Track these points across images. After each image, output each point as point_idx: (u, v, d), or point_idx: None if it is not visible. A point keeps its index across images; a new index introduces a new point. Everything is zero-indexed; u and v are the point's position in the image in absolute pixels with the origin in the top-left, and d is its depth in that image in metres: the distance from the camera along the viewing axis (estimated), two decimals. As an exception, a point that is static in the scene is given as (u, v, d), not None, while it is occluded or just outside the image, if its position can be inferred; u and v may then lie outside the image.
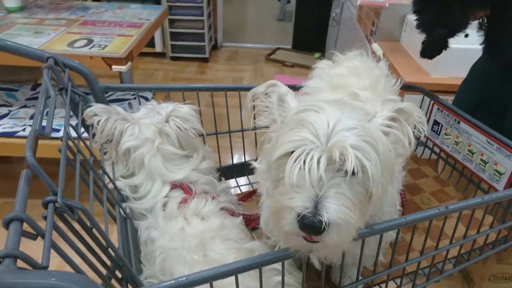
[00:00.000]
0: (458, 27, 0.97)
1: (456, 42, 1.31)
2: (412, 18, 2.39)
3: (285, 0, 5.72)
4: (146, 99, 2.12)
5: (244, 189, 1.25)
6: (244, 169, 1.25)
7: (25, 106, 2.16)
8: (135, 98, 2.24)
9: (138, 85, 1.03)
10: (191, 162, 0.92)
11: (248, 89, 1.12)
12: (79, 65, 0.97)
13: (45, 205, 0.55)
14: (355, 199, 0.59)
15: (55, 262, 0.52)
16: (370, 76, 0.90)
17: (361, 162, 0.57)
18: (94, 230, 0.62)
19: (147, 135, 0.89)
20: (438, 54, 1.15)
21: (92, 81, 0.99)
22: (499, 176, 1.02)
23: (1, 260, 0.44)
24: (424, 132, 0.66)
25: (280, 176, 0.63)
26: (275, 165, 0.63)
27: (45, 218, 0.53)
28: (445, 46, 1.12)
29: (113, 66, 1.79)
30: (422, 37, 1.20)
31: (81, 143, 0.77)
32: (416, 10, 1.00)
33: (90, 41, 1.93)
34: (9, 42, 0.90)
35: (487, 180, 1.05)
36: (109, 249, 0.64)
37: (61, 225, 0.56)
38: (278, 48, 4.54)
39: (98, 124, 0.86)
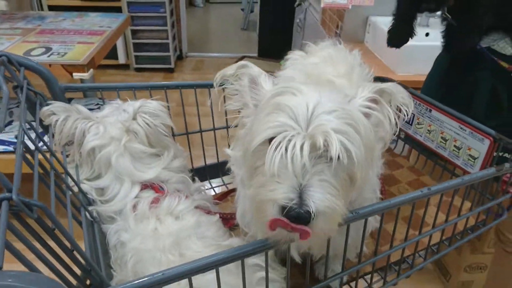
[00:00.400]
0: (443, 2, 0.97)
1: (418, 40, 1.33)
2: (374, 19, 2.44)
3: (249, 9, 5.76)
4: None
5: (218, 190, 1.20)
6: (218, 170, 1.21)
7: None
8: (99, 108, 2.15)
9: (102, 84, 0.97)
10: (161, 161, 0.87)
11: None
12: (35, 64, 0.91)
13: (-1, 203, 0.49)
14: (338, 185, 0.56)
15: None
16: (345, 64, 0.89)
17: (345, 146, 0.54)
18: (57, 232, 0.56)
19: (113, 134, 0.83)
20: (405, 42, 1.16)
21: (51, 81, 0.92)
22: (473, 160, 1.02)
23: None
24: (408, 114, 0.64)
25: (258, 164, 0.59)
26: (252, 153, 0.59)
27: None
28: (411, 33, 1.13)
29: (74, 74, 1.71)
30: (384, 36, 1.21)
31: (41, 143, 0.71)
32: None
33: (48, 49, 1.84)
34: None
35: (461, 166, 1.05)
36: (75, 253, 0.58)
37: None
38: (244, 57, 4.54)
39: (56, 124, 0.80)
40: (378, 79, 1.21)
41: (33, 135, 0.69)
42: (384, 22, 2.12)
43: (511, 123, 1.13)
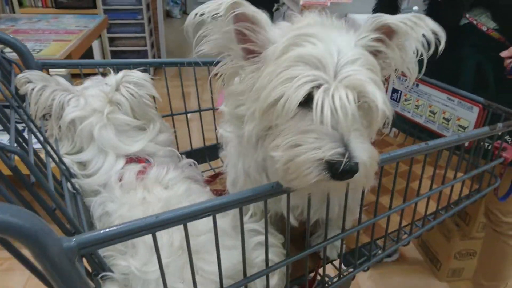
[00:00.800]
0: None
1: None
2: (353, 17, 2.46)
3: (226, 19, 5.77)
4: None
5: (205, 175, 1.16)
6: (204, 155, 1.17)
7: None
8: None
9: (81, 61, 0.92)
10: (147, 134, 0.83)
11: (204, 63, 1.06)
12: (11, 37, 0.86)
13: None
14: (365, 133, 0.55)
15: None
16: (337, 27, 0.87)
17: (379, 94, 0.53)
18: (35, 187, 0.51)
19: (94, 105, 0.79)
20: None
21: (27, 56, 0.88)
22: (463, 130, 1.01)
23: None
24: (441, 45, 0.61)
25: (277, 122, 0.54)
26: (269, 111, 0.53)
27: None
28: (396, 9, 1.13)
29: (51, 70, 1.65)
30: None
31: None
32: None
33: (22, 46, 1.78)
34: None
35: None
36: (56, 212, 0.53)
37: None
38: (224, 63, 4.53)
39: (32, 93, 0.75)
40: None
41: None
42: (362, 19, 2.15)
43: (497, 98, 1.13)
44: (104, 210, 0.70)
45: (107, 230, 0.41)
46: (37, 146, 0.64)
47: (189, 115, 1.14)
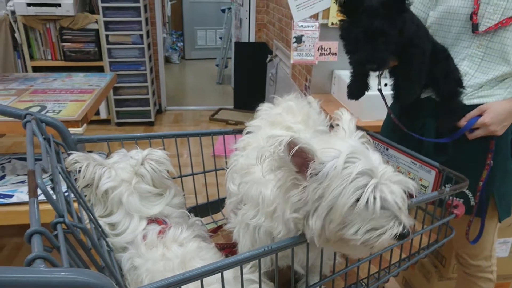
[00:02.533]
0: (383, 63, 1.19)
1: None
2: (339, 73, 2.72)
3: (223, 65, 6.11)
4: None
5: (209, 227, 1.34)
6: (208, 209, 1.36)
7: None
8: (88, 160, 2.28)
9: (109, 136, 1.13)
10: (164, 199, 1.03)
11: (207, 134, 1.27)
12: (53, 120, 1.07)
13: (53, 226, 0.63)
14: None
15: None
16: (302, 113, 1.10)
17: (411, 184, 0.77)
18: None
19: (123, 177, 0.99)
20: (362, 95, 1.39)
21: (66, 134, 1.09)
22: (425, 189, 1.22)
23: (31, 262, 0.52)
24: None
25: (351, 217, 0.72)
26: (346, 212, 0.71)
27: (56, 236, 0.61)
28: (366, 88, 1.36)
29: (70, 129, 1.86)
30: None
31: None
32: (349, 50, 1.23)
33: (43, 108, 2.00)
34: (-12, 102, 0.98)
35: (416, 195, 1.25)
36: (104, 270, 0.72)
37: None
38: (221, 109, 4.79)
39: (80, 170, 0.95)
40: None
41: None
42: (348, 75, 2.40)
43: (456, 157, 1.35)
44: (132, 264, 0.88)
45: (153, 285, 0.60)
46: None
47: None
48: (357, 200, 0.70)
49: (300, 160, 0.73)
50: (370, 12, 1.12)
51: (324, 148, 0.75)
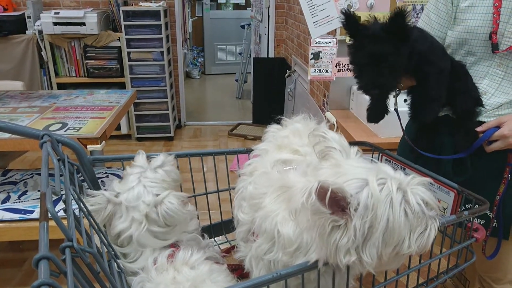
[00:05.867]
0: (387, 88, 1.18)
1: (399, 107, 1.55)
2: (355, 88, 2.70)
3: (242, 80, 6.16)
4: (119, 176, 2.21)
5: (222, 246, 1.33)
6: (221, 228, 1.35)
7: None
8: (107, 177, 2.32)
9: (123, 155, 1.14)
10: (178, 230, 1.01)
11: (221, 153, 1.28)
12: (70, 140, 1.09)
13: (62, 250, 0.64)
14: None
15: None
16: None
17: None
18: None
19: (134, 216, 0.96)
20: (382, 118, 1.37)
21: (82, 154, 1.10)
22: (443, 211, 1.18)
23: (37, 289, 0.52)
24: None
25: (402, 235, 0.72)
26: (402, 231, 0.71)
27: (64, 260, 0.62)
28: (386, 111, 1.34)
29: (89, 146, 1.90)
30: (367, 103, 1.42)
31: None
32: (356, 75, 1.22)
33: (64, 125, 2.05)
34: (8, 123, 1.01)
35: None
36: (113, 293, 0.72)
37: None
38: (240, 124, 4.81)
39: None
40: (356, 143, 1.41)
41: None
42: (366, 91, 2.37)
43: (476, 177, 1.31)
44: None
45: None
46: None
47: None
48: (406, 214, 0.71)
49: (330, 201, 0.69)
50: (372, 36, 1.11)
51: (345, 182, 0.73)
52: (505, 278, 1.43)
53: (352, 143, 1.43)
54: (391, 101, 1.39)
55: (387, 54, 1.10)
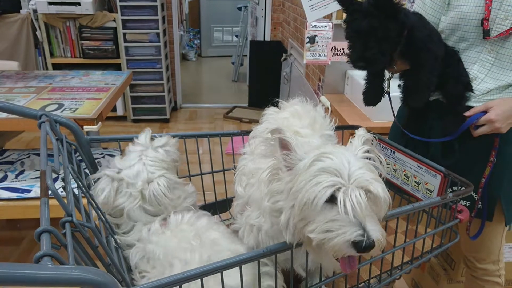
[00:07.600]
0: (374, 62, 1.19)
1: (391, 91, 1.57)
2: (352, 73, 2.72)
3: (238, 62, 6.13)
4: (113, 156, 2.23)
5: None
6: (215, 208, 1.39)
7: (-7, 171, 2.21)
8: (103, 157, 2.35)
9: (121, 136, 1.17)
10: (169, 209, 1.04)
11: (216, 135, 1.30)
12: (67, 120, 1.11)
13: (62, 224, 0.67)
14: (375, 216, 0.76)
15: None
16: (308, 117, 1.11)
17: (382, 188, 0.75)
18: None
19: (132, 192, 1.00)
20: (379, 101, 1.40)
21: (79, 134, 1.13)
22: (430, 193, 1.22)
23: (40, 259, 0.56)
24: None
25: (313, 215, 0.73)
26: (309, 207, 0.73)
27: (64, 234, 0.65)
28: (382, 93, 1.37)
29: (85, 127, 1.92)
30: (362, 88, 1.44)
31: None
32: (348, 47, 1.24)
33: (61, 105, 2.06)
34: (6, 103, 1.03)
35: (421, 198, 1.25)
36: (110, 267, 0.76)
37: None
38: (235, 107, 4.82)
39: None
40: (348, 127, 1.45)
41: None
42: (360, 75, 2.38)
43: (463, 161, 1.35)
44: (144, 252, 0.92)
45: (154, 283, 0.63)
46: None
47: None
48: (315, 197, 0.71)
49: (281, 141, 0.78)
50: (362, 11, 1.13)
51: (310, 148, 0.78)
52: (488, 258, 1.48)
53: (344, 127, 1.48)
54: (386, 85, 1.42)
55: (376, 29, 1.12)
